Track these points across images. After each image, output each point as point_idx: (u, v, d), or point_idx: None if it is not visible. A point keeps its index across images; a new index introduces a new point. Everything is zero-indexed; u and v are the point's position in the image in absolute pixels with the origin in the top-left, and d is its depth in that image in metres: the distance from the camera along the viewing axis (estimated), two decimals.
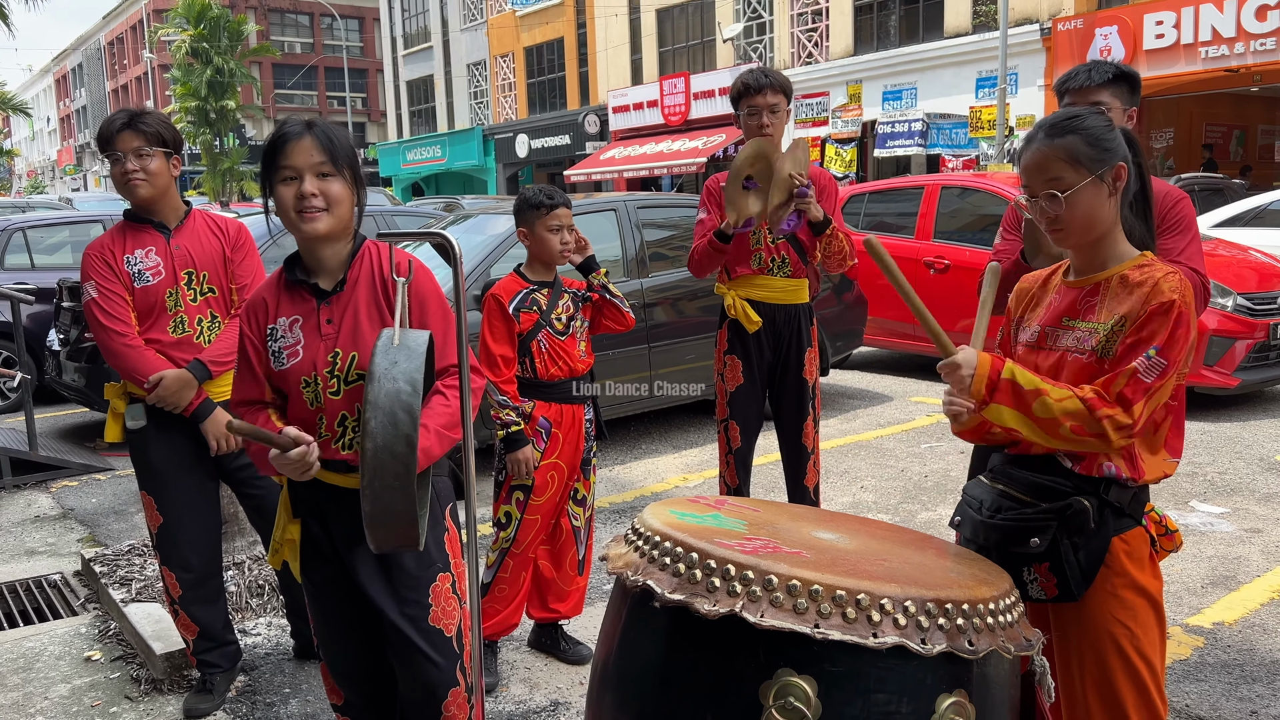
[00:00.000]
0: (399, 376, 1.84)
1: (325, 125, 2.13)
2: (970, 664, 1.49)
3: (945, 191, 8.17)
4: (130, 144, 2.90)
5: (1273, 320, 6.62)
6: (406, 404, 1.82)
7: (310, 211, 2.06)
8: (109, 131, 2.91)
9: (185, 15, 34.18)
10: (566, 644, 3.43)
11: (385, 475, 1.82)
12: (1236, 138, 20.54)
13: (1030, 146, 1.86)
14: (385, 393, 1.83)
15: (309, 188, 2.05)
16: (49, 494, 5.75)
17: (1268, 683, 3.16)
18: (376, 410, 1.82)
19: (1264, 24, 15.19)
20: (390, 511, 1.85)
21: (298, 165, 2.06)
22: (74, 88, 66.14)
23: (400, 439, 1.82)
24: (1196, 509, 4.80)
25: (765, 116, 3.48)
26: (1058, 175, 1.82)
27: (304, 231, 2.09)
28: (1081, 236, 1.86)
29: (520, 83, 31.08)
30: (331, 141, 2.08)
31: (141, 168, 2.92)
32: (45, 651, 3.60)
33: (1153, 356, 1.74)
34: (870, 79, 20.86)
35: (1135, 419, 1.75)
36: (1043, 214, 1.85)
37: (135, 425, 3.03)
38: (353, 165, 2.14)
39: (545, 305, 3.18)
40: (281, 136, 2.09)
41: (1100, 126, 1.84)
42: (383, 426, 1.81)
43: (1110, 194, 1.85)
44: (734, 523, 1.73)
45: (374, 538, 1.90)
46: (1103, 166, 1.82)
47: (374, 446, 1.81)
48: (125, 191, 2.95)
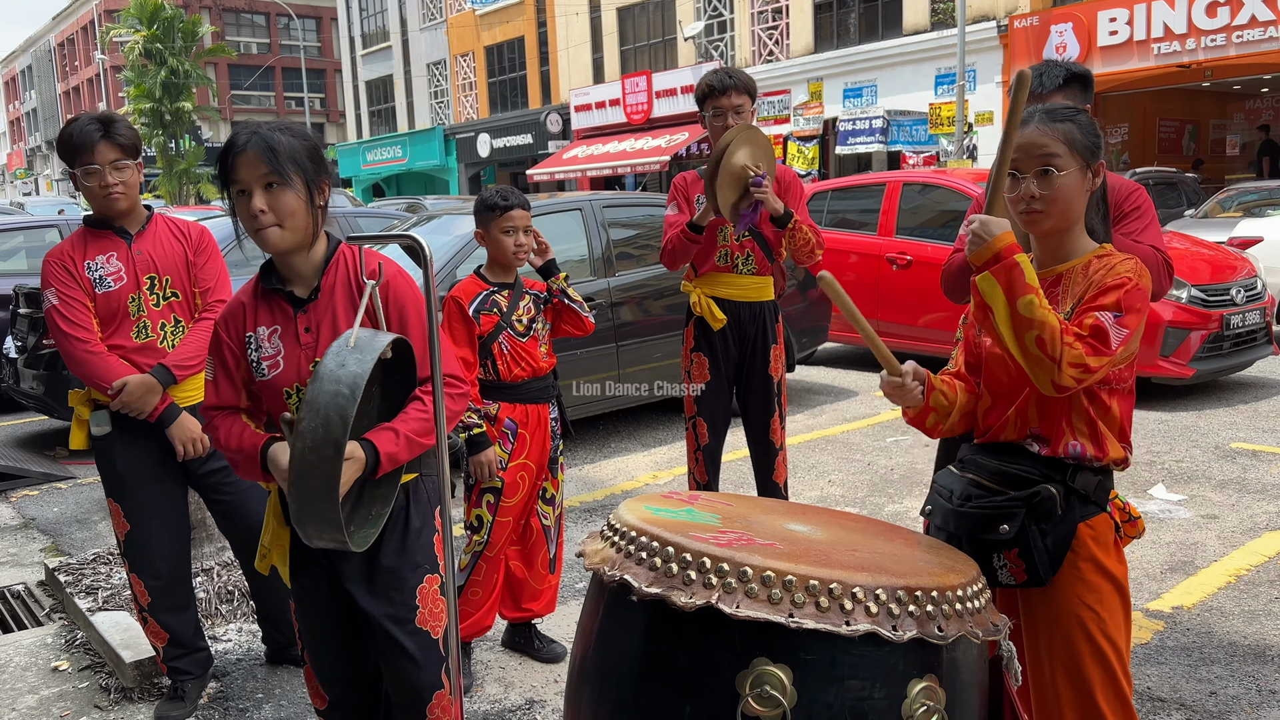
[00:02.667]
0: (342, 379, 1.81)
1: (272, 132, 2.03)
2: (940, 649, 1.52)
3: (906, 188, 8.27)
4: (108, 156, 2.84)
5: (1226, 311, 6.77)
6: (342, 408, 1.79)
7: (262, 229, 2.02)
8: (86, 142, 2.82)
9: (138, 16, 33.67)
10: (540, 642, 3.45)
11: (310, 477, 1.80)
12: (1189, 132, 20.96)
13: (1026, 127, 1.89)
14: (325, 393, 1.80)
15: (257, 204, 1.99)
16: (9, 504, 5.66)
17: (1225, 664, 3.25)
18: (312, 411, 1.79)
19: (1214, 20, 15.53)
20: (313, 513, 1.84)
21: (245, 179, 2.00)
22: (24, 90, 64.86)
23: (328, 443, 1.78)
24: (1155, 497, 4.91)
25: (730, 118, 3.50)
26: (1054, 154, 1.86)
27: (261, 246, 2.06)
28: (1057, 221, 1.90)
29: (481, 82, 30.95)
30: (274, 151, 1.99)
31: (121, 181, 2.87)
32: (11, 662, 3.55)
33: (1112, 319, 1.79)
34: (831, 76, 21.03)
35: (1093, 368, 1.78)
36: (1025, 194, 1.89)
37: (100, 432, 2.99)
38: (304, 169, 2.04)
39: (506, 307, 3.18)
40: (229, 148, 2.03)
41: (1093, 124, 1.93)
42: (313, 428, 1.79)
43: (1089, 188, 1.92)
44: (708, 517, 1.75)
45: (302, 533, 1.90)
46: (1091, 159, 1.90)
47: (302, 447, 1.79)
48: (104, 204, 2.90)
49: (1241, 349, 6.96)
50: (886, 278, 8.01)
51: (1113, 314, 1.80)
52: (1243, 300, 6.92)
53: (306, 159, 2.06)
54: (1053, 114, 1.90)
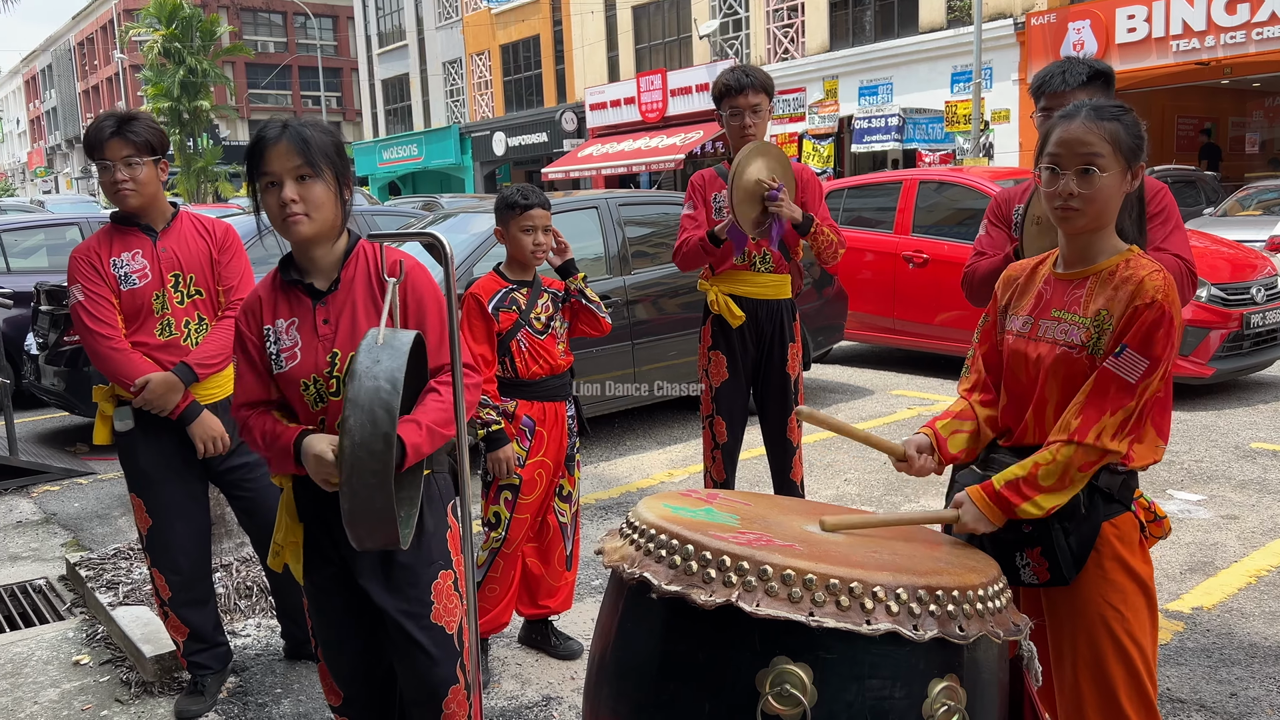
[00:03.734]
0: (380, 375, 1.84)
1: (302, 126, 2.08)
2: (961, 649, 1.52)
3: (923, 186, 8.24)
4: (120, 152, 2.87)
5: (1246, 310, 6.72)
6: (386, 402, 1.82)
7: (293, 217, 2.06)
8: (98, 138, 2.87)
9: (156, 15, 33.89)
10: (557, 639, 3.46)
11: (363, 473, 1.82)
12: (1207, 130, 20.78)
13: (1071, 122, 1.85)
14: (365, 390, 1.82)
15: (288, 194, 2.04)
16: (31, 499, 5.71)
17: (1246, 665, 3.23)
18: (356, 408, 1.82)
19: (1234, 17, 15.39)
20: (368, 509, 1.86)
21: (276, 171, 2.04)
22: (44, 89, 65.37)
23: (378, 437, 1.81)
24: (1174, 496, 4.88)
25: (747, 116, 3.50)
26: (1098, 153, 1.82)
27: (289, 236, 2.10)
28: (1093, 221, 1.87)
29: (497, 80, 31.00)
30: (307, 143, 2.04)
31: (131, 177, 2.90)
32: (33, 656, 3.59)
33: (1123, 353, 1.79)
34: (846, 74, 20.96)
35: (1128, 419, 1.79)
36: (1064, 191, 1.85)
37: (123, 428, 3.02)
38: (334, 163, 2.10)
39: (524, 305, 3.20)
40: (260, 140, 2.07)
41: (1138, 125, 1.88)
42: (361, 424, 1.81)
43: (1126, 190, 1.88)
44: (727, 516, 1.76)
45: (353, 534, 1.91)
46: (1133, 161, 1.86)
47: (351, 444, 1.81)
48: (115, 200, 2.94)
49: (1262, 348, 6.91)
50: (903, 276, 7.98)
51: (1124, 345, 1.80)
52: (1263, 299, 6.86)
53: (335, 154, 2.10)
54: (1100, 111, 1.85)
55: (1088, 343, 1.86)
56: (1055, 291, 1.96)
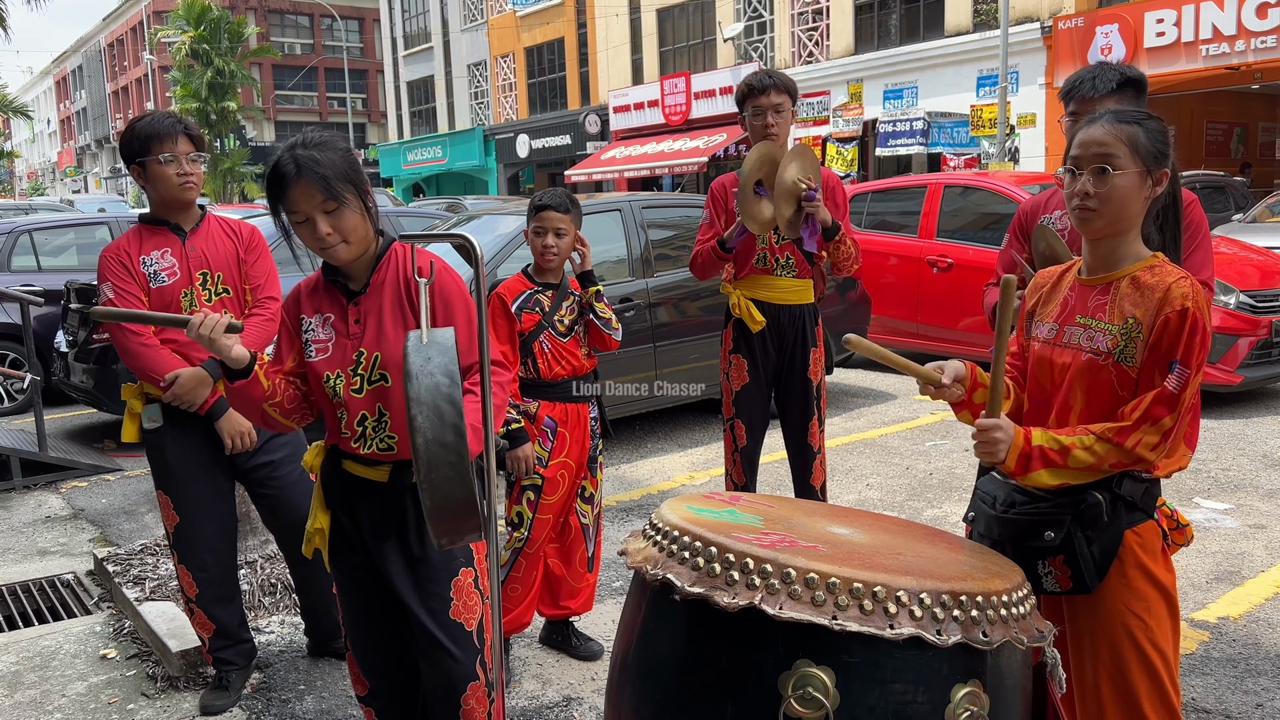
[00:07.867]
0: (435, 371, 1.87)
1: (312, 156, 2.06)
2: (984, 655, 1.52)
3: (948, 190, 8.20)
4: (185, 148, 2.97)
5: (1275, 317, 6.64)
6: (448, 395, 1.85)
7: (332, 249, 2.12)
8: (168, 132, 2.93)
9: (185, 17, 34.28)
10: (577, 640, 3.47)
11: (440, 466, 1.84)
12: (1237, 135, 20.57)
13: (1093, 124, 1.88)
14: (425, 387, 1.85)
15: (323, 230, 2.08)
16: (59, 494, 5.78)
17: (1273, 676, 3.20)
18: (420, 406, 1.83)
19: (1265, 21, 15.21)
20: (450, 502, 1.86)
21: (304, 210, 2.08)
22: (74, 89, 66.17)
23: (448, 429, 1.84)
24: (1201, 505, 4.83)
25: (770, 117, 3.51)
26: (1114, 154, 1.84)
27: (332, 261, 2.18)
28: (1108, 223, 1.87)
29: (521, 83, 31.11)
30: (326, 180, 2.05)
31: (194, 172, 3.00)
32: (61, 650, 3.63)
33: (1175, 368, 1.79)
34: (871, 78, 20.88)
35: (1167, 430, 1.80)
36: (1080, 190, 1.86)
37: (152, 425, 3.06)
38: (354, 183, 2.11)
39: (548, 307, 3.22)
40: (278, 176, 2.08)
41: (1163, 131, 1.90)
42: (429, 420, 1.83)
43: (1147, 196, 1.88)
44: (750, 518, 1.76)
45: (436, 531, 1.91)
46: (1154, 166, 1.87)
47: (424, 441, 1.83)
48: (178, 193, 2.98)
49: None
50: (927, 280, 7.95)
51: (1175, 361, 1.80)
52: None
53: (351, 171, 2.13)
54: (1121, 115, 1.88)
55: (1114, 350, 1.85)
56: (1080, 297, 1.95)
